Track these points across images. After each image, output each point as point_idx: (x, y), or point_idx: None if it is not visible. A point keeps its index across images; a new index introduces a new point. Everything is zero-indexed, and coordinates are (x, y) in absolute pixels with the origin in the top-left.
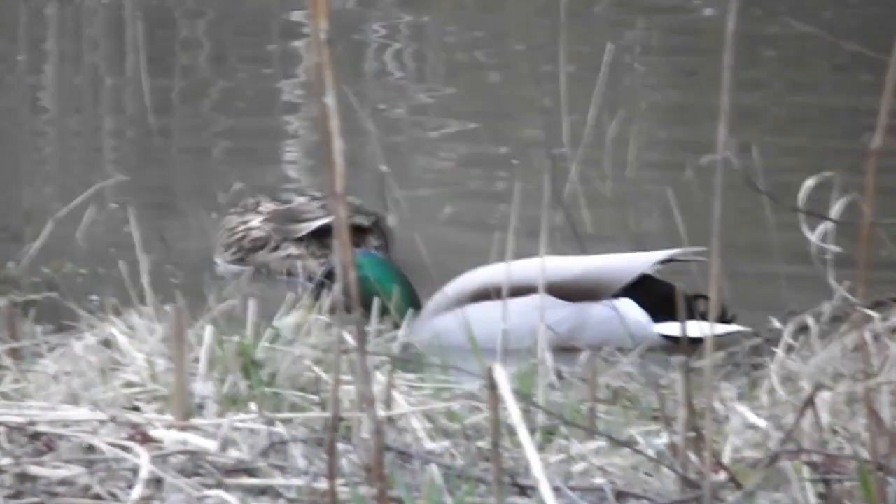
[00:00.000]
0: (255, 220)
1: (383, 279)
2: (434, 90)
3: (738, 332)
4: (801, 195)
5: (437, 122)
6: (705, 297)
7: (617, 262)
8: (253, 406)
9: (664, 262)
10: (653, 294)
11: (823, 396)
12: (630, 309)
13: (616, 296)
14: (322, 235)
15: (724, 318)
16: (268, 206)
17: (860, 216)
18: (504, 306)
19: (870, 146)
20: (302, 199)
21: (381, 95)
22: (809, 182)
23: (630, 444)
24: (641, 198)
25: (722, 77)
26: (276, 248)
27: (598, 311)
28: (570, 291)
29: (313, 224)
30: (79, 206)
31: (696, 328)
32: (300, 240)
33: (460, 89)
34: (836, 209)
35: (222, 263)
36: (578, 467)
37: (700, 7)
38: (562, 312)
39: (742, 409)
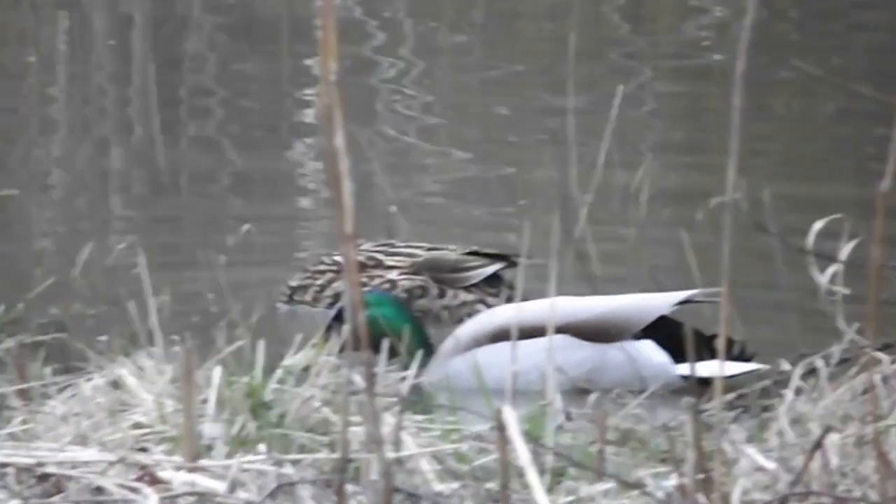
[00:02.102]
0: (391, 275)
1: (394, 319)
2: (443, 126)
3: (755, 371)
4: (810, 237)
5: (446, 160)
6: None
7: (636, 303)
8: (262, 447)
9: (681, 303)
10: (671, 335)
11: (833, 439)
12: (651, 350)
13: (636, 337)
14: (488, 281)
15: (743, 356)
16: (397, 259)
17: (869, 258)
18: (513, 347)
19: (879, 189)
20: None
21: (390, 133)
22: (818, 224)
23: (639, 485)
24: (653, 239)
25: (731, 118)
26: (441, 296)
27: (617, 352)
28: (590, 332)
29: (485, 271)
30: (82, 249)
31: (713, 368)
32: (468, 288)
33: (471, 127)
34: (844, 251)
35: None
36: None
37: (709, 53)
38: (582, 353)
39: (751, 451)
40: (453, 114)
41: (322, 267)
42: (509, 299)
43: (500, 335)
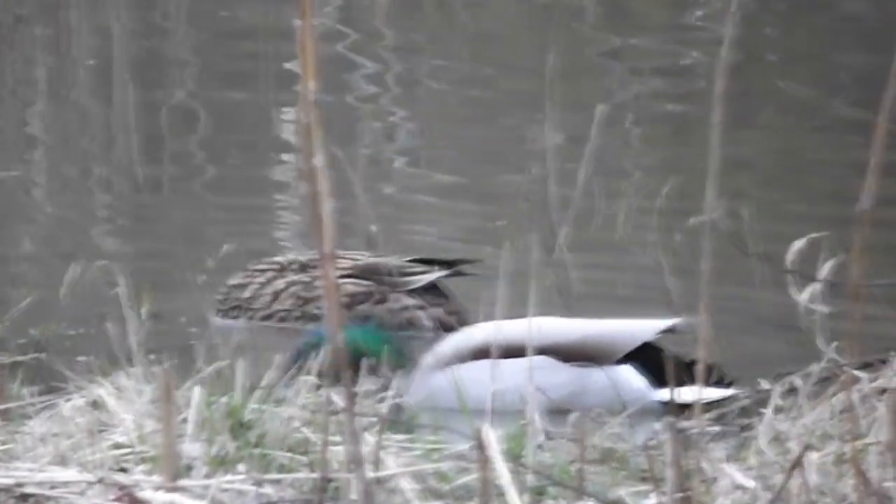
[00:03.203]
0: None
1: (371, 340)
2: (422, 145)
3: (734, 396)
4: (789, 256)
5: (426, 179)
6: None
7: (619, 328)
8: (242, 467)
9: (664, 331)
10: (651, 360)
11: (812, 457)
12: (631, 376)
13: (616, 361)
14: (427, 287)
15: (722, 381)
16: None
17: (849, 275)
18: (493, 366)
19: (859, 207)
20: (379, 256)
21: (370, 154)
22: (798, 244)
23: None
24: (632, 258)
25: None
26: (380, 302)
27: (598, 376)
28: (572, 354)
29: (428, 277)
30: (64, 269)
31: (693, 393)
32: (411, 292)
33: (450, 143)
34: (823, 270)
35: (218, 321)
36: None
37: (690, 59)
38: (563, 376)
39: (731, 469)
40: (433, 131)
41: (263, 266)
42: (455, 310)
43: (481, 353)
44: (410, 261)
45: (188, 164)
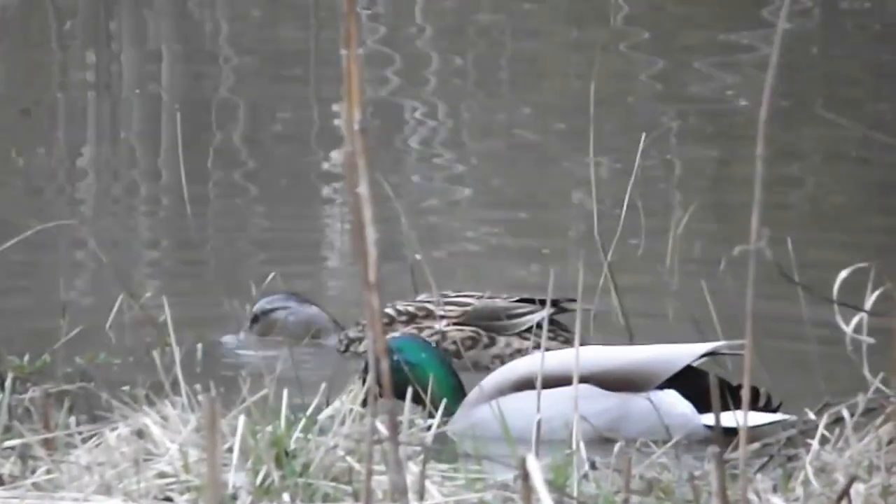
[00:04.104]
0: (440, 325)
1: (419, 366)
2: (468, 176)
3: (781, 421)
4: (835, 287)
5: (470, 209)
6: (752, 388)
7: (661, 353)
8: (286, 496)
9: (706, 354)
10: (696, 385)
11: (858, 489)
12: (675, 400)
13: (660, 387)
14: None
15: (769, 406)
16: (447, 309)
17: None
18: (538, 396)
19: None
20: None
21: (416, 182)
22: (843, 274)
23: None
24: (678, 290)
25: (755, 169)
26: (491, 345)
27: (641, 402)
28: (614, 382)
29: (535, 317)
30: (111, 299)
31: (739, 418)
32: (521, 334)
33: (496, 176)
34: (869, 301)
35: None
36: None
37: (734, 98)
38: (605, 403)
39: (777, 500)
40: (478, 160)
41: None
42: (566, 342)
43: (523, 384)
44: (517, 301)
45: (234, 194)
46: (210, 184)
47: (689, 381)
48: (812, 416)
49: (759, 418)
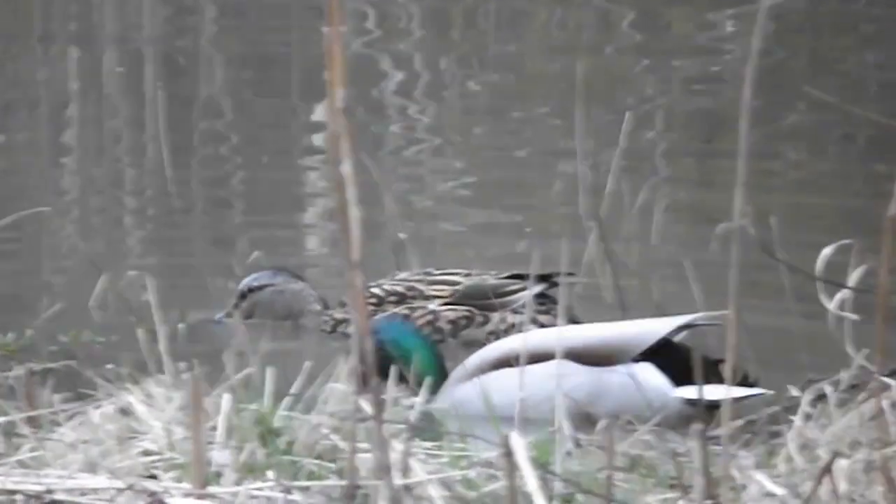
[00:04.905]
0: (433, 305)
1: (402, 344)
2: (450, 153)
3: (760, 395)
4: (819, 264)
5: (453, 186)
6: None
7: (636, 327)
8: (270, 474)
9: (683, 327)
10: (673, 359)
11: (841, 464)
12: (650, 373)
13: (635, 360)
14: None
15: (747, 381)
16: (437, 288)
17: (878, 282)
18: (521, 374)
19: (888, 213)
20: (476, 276)
21: (400, 161)
22: (827, 250)
23: None
24: (661, 266)
25: (739, 145)
26: (485, 323)
27: (617, 376)
28: (590, 357)
29: (527, 293)
30: (95, 275)
31: (717, 392)
32: (515, 309)
33: (477, 154)
34: (853, 277)
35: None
36: None
37: (720, 75)
38: (580, 378)
39: (760, 477)
40: (459, 139)
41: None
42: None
43: (502, 362)
44: (506, 277)
45: (218, 170)
46: (194, 161)
47: (665, 355)
48: (795, 392)
49: (738, 392)
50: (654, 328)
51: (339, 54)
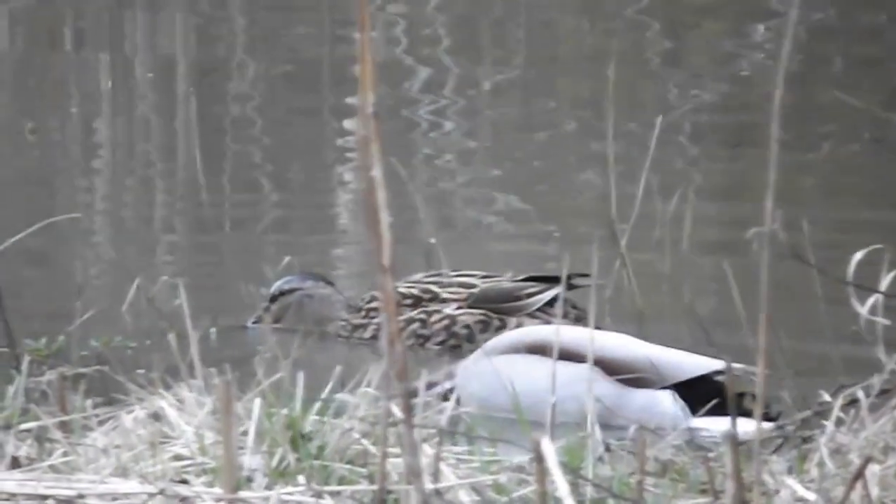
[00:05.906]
0: (449, 309)
1: None
2: (483, 165)
3: (778, 430)
4: (851, 268)
5: (485, 196)
6: (752, 396)
7: (671, 358)
8: (301, 479)
9: (717, 373)
10: (694, 386)
11: (873, 470)
12: (668, 401)
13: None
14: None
15: (768, 417)
16: (452, 291)
17: None
18: (554, 378)
19: None
20: (492, 279)
21: (431, 170)
22: (858, 255)
23: None
24: (692, 274)
25: (770, 150)
26: (501, 327)
27: (637, 397)
28: (617, 370)
29: (543, 297)
30: (128, 281)
31: (739, 425)
32: (531, 314)
33: (509, 166)
34: (885, 282)
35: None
36: None
37: (748, 80)
38: (603, 390)
39: (791, 482)
40: (492, 146)
41: (377, 304)
42: (578, 319)
43: (536, 348)
44: (522, 280)
45: (249, 177)
46: (226, 167)
47: (688, 383)
48: (827, 397)
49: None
50: (689, 365)
51: (368, 59)
